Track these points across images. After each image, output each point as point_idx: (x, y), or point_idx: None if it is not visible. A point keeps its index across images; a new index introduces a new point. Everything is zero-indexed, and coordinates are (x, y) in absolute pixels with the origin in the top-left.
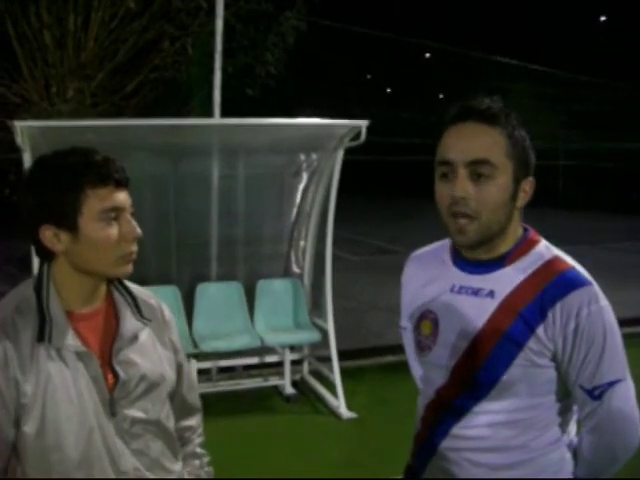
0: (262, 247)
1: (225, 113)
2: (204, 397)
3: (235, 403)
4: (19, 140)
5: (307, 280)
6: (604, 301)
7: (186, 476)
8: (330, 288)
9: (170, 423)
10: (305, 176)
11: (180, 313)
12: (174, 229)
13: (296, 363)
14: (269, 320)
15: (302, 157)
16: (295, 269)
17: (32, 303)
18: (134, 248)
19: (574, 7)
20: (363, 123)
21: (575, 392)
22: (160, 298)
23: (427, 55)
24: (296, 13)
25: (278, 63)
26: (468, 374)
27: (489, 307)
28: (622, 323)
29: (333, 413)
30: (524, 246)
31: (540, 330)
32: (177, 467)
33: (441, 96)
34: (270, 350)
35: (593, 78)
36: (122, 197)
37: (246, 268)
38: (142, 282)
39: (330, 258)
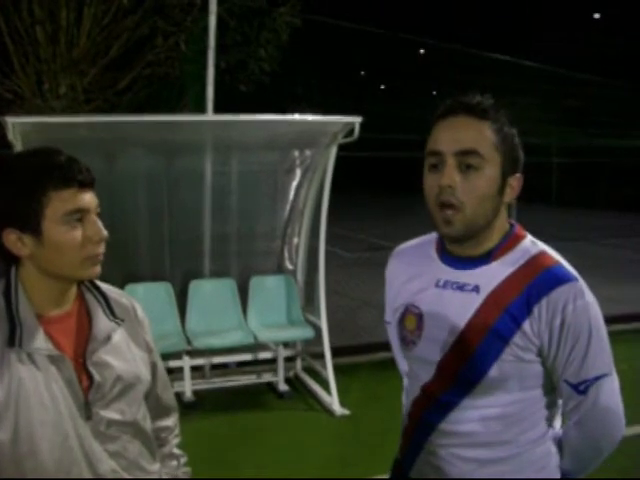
0: (255, 243)
1: (218, 109)
2: (198, 394)
3: (228, 400)
4: (10, 136)
5: (300, 277)
6: (590, 297)
7: (164, 477)
8: (323, 285)
9: (147, 424)
10: (298, 172)
11: (173, 310)
12: (167, 225)
13: (289, 360)
14: (262, 317)
15: (296, 153)
16: (288, 265)
17: (1, 308)
18: (101, 250)
19: (568, 4)
20: (356, 120)
21: (560, 387)
22: (153, 294)
23: (421, 51)
24: (290, 9)
25: (272, 59)
26: (454, 369)
27: (474, 302)
28: (616, 319)
29: (326, 410)
30: (510, 241)
31: (526, 325)
32: (155, 467)
33: (435, 92)
34: (263, 347)
35: (587, 75)
36: (87, 198)
37: (239, 264)
38: (135, 278)
39: (323, 254)
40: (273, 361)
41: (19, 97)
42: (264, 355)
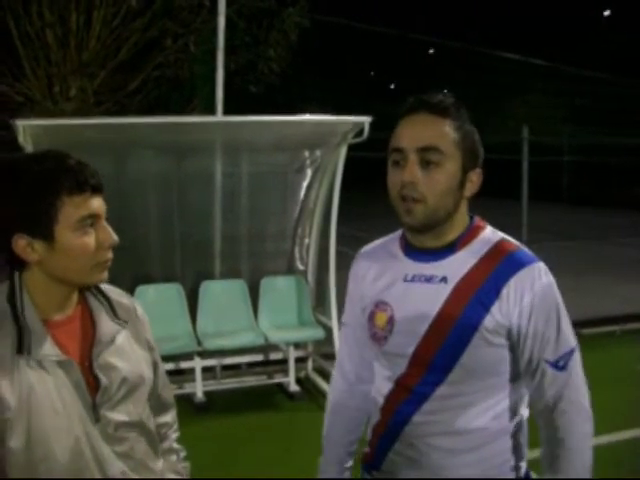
0: (266, 244)
1: (228, 110)
2: (209, 394)
3: (239, 400)
4: (21, 139)
5: (311, 277)
6: (550, 276)
7: (167, 472)
8: (334, 285)
9: (151, 422)
10: (308, 173)
11: (184, 311)
12: (178, 227)
13: (300, 360)
14: (273, 317)
15: (305, 154)
16: (299, 266)
17: (7, 315)
18: (110, 255)
19: (578, 2)
20: (366, 120)
21: (536, 367)
22: (164, 296)
23: (430, 51)
24: (298, 10)
25: (281, 60)
26: (427, 359)
27: (443, 292)
28: (629, 318)
29: None
30: (472, 232)
31: (495, 308)
32: (159, 465)
33: (445, 91)
34: (274, 347)
35: (597, 73)
36: (98, 203)
37: (250, 265)
38: (146, 280)
39: (334, 255)
40: (284, 362)
41: (30, 100)
42: (275, 356)
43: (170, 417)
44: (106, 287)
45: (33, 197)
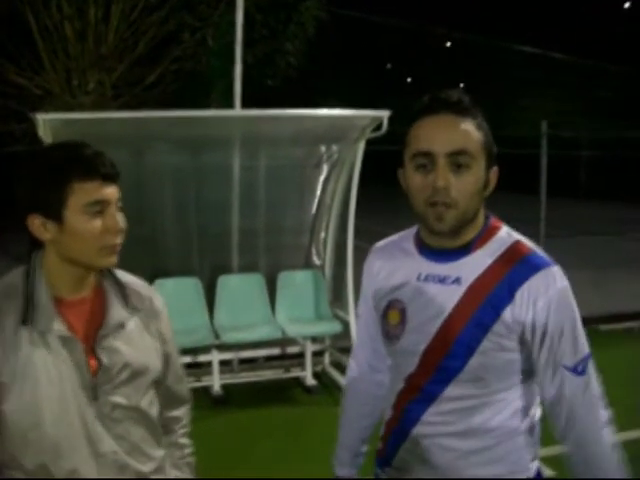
0: (283, 238)
1: (245, 104)
2: (226, 388)
3: (256, 394)
4: (41, 132)
5: (328, 271)
6: (565, 280)
7: (165, 462)
8: (351, 279)
9: (153, 410)
10: (326, 167)
11: (202, 304)
12: (195, 221)
13: (317, 354)
14: (290, 311)
15: (323, 148)
16: (316, 260)
17: (20, 288)
18: (118, 240)
19: None
20: (385, 114)
21: (553, 373)
22: (182, 289)
23: (448, 44)
24: (316, 2)
25: (298, 53)
26: (437, 359)
27: (456, 293)
28: None
29: None
30: (487, 232)
31: (507, 312)
32: (159, 453)
33: (462, 85)
34: (291, 341)
35: (617, 66)
36: (109, 191)
37: (267, 259)
38: (164, 273)
39: (351, 249)
40: (301, 355)
41: (48, 93)
42: (292, 350)
43: (181, 412)
44: (125, 276)
45: (47, 181)
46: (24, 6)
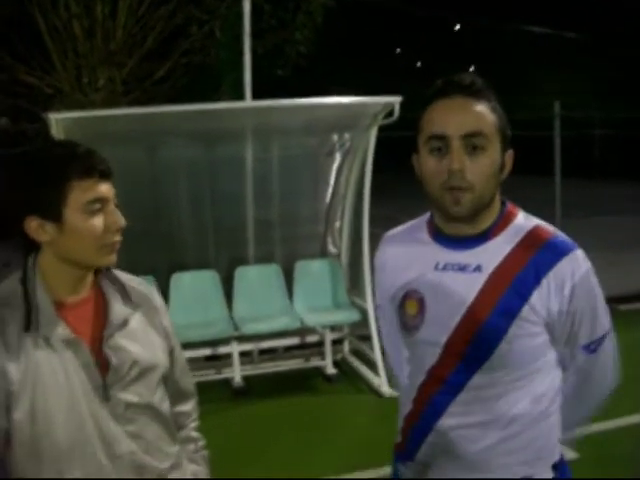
0: (299, 228)
1: (256, 95)
2: (247, 379)
3: (277, 384)
4: (54, 131)
5: (345, 259)
6: (588, 262)
7: (182, 458)
8: (368, 267)
9: (165, 407)
10: (339, 155)
11: (220, 296)
12: (210, 213)
13: (336, 343)
14: (308, 301)
15: (336, 136)
16: (332, 249)
17: (18, 294)
18: (117, 238)
19: None
20: (396, 100)
21: (570, 352)
22: (199, 282)
23: (457, 27)
24: None
25: (308, 42)
26: (461, 349)
27: (478, 281)
28: None
29: (375, 391)
30: (505, 218)
31: (534, 297)
32: (174, 449)
33: (472, 68)
34: (310, 331)
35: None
36: (105, 188)
37: (283, 250)
38: (181, 267)
39: (367, 237)
40: (320, 344)
41: (59, 92)
42: (311, 339)
43: (189, 406)
44: (121, 274)
45: (44, 181)
46: (33, 7)
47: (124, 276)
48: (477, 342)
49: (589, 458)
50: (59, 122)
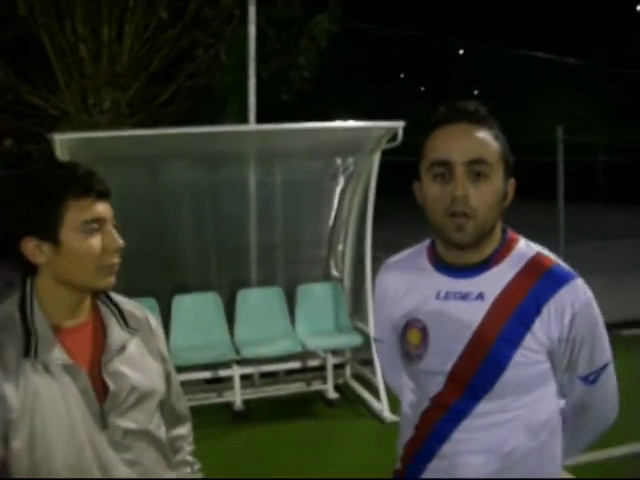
0: (301, 251)
1: (260, 119)
2: (247, 403)
3: (278, 408)
4: (58, 152)
5: (347, 283)
6: (589, 291)
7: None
8: (371, 291)
9: (161, 432)
10: (343, 179)
11: (221, 319)
12: (213, 236)
13: (338, 367)
14: (310, 324)
15: (339, 160)
16: (335, 273)
17: (16, 319)
18: (115, 260)
19: None
20: (399, 124)
21: (569, 381)
22: (201, 305)
23: (460, 52)
24: (328, 16)
25: (312, 67)
26: (466, 378)
27: (480, 310)
28: None
29: (376, 417)
30: (506, 246)
31: (536, 326)
32: (171, 475)
33: (476, 92)
34: (312, 354)
35: (633, 70)
36: (103, 208)
37: (286, 273)
38: (183, 289)
39: (370, 260)
40: (322, 369)
41: (64, 113)
42: (313, 363)
43: (185, 430)
44: (119, 298)
45: (41, 201)
46: (40, 29)
47: (121, 300)
48: (482, 370)
49: None
50: (64, 143)
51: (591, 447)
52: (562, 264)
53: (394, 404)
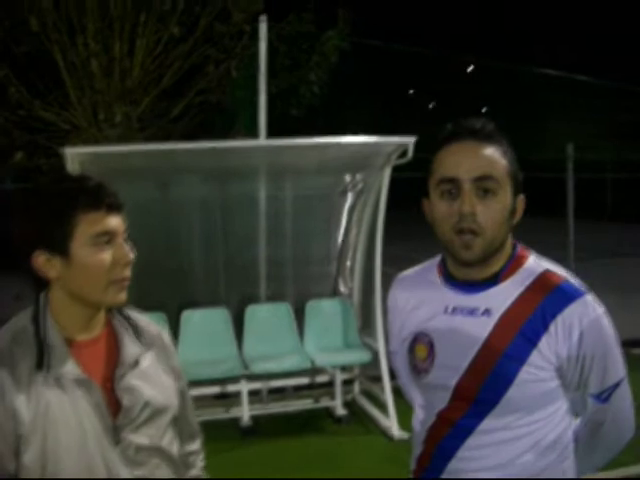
0: (310, 267)
1: (271, 134)
2: (255, 419)
3: (286, 425)
4: (69, 166)
5: (356, 299)
6: (600, 308)
7: None
8: (380, 307)
9: (174, 449)
10: (353, 195)
11: (230, 334)
12: (222, 251)
13: (347, 383)
14: (319, 341)
15: (349, 176)
16: (344, 289)
17: (29, 332)
18: (126, 273)
19: (620, 15)
20: (410, 140)
21: (581, 399)
22: (209, 320)
23: (470, 68)
24: (338, 32)
25: (321, 82)
26: (470, 394)
27: (487, 325)
28: None
29: (385, 433)
30: (515, 262)
31: (542, 344)
32: None
33: (485, 109)
34: (320, 371)
35: None
36: (114, 222)
37: (295, 289)
38: (192, 304)
39: (379, 276)
40: (330, 385)
41: (76, 127)
42: (321, 379)
43: (197, 445)
44: (133, 314)
45: (51, 214)
46: (52, 44)
47: (135, 315)
48: (487, 387)
49: None
50: (75, 157)
51: (606, 466)
52: (572, 280)
53: (403, 421)
